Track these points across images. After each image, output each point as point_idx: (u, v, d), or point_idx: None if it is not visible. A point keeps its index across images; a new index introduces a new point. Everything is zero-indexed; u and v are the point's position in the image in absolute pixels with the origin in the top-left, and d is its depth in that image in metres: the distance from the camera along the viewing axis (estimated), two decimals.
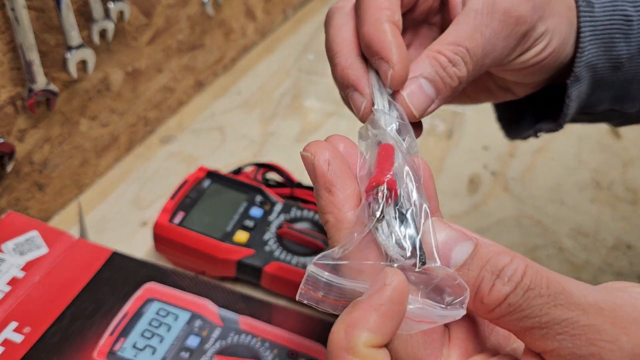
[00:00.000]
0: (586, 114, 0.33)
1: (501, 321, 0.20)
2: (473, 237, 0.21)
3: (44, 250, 0.42)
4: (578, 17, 0.30)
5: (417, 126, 0.28)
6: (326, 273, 0.20)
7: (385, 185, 0.21)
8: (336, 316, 0.20)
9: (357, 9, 0.28)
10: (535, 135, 0.35)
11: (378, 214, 0.20)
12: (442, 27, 0.31)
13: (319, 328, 0.39)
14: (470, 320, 0.23)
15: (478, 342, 0.23)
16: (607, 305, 0.19)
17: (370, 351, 0.19)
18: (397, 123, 0.25)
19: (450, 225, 0.21)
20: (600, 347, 0.19)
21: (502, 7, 0.27)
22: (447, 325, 0.23)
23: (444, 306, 0.20)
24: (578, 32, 0.30)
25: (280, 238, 0.46)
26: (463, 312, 0.20)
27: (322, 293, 0.20)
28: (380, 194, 0.21)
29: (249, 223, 0.46)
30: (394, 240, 0.20)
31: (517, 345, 0.23)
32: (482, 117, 0.68)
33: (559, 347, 0.19)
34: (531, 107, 0.35)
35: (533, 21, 0.28)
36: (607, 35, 0.30)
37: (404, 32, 0.29)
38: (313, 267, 0.20)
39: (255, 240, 0.45)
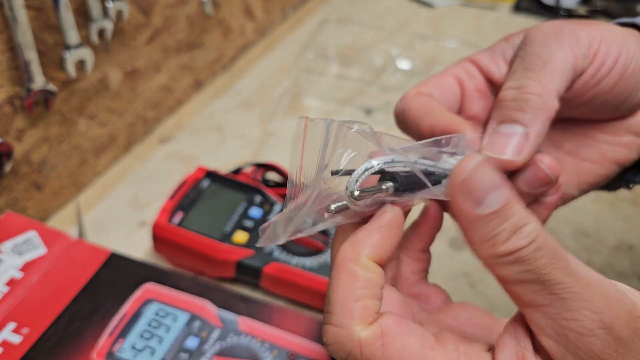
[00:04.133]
0: None
1: (502, 268, 0.22)
2: (507, 187, 0.22)
3: (42, 250, 0.42)
4: None
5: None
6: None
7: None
8: None
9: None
10: (628, 187, 0.35)
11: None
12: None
13: (319, 329, 0.38)
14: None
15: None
16: (595, 282, 0.22)
17: (371, 263, 0.24)
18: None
19: (496, 171, 0.23)
20: (583, 315, 0.21)
21: (547, 54, 0.28)
22: None
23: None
24: None
25: None
26: None
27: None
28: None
29: (249, 223, 0.46)
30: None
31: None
32: None
33: (548, 305, 0.22)
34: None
35: (577, 57, 0.28)
36: None
37: None
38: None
39: (255, 240, 0.45)
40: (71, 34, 0.46)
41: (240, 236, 0.45)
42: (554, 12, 0.89)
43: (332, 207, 0.24)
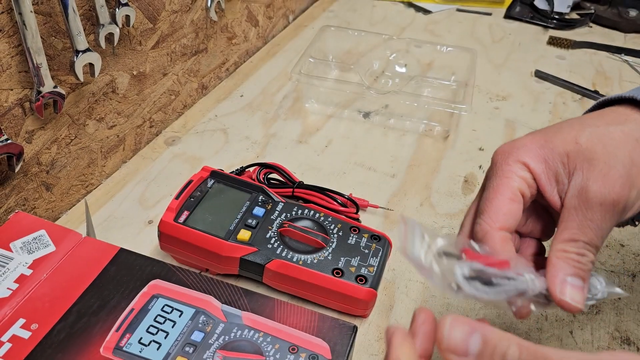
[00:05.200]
0: None
1: None
2: (479, 328, 0.26)
3: (51, 248, 0.42)
4: None
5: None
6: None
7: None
8: None
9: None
10: (634, 224, 0.37)
11: None
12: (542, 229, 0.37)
13: (320, 323, 0.39)
14: None
15: None
16: None
17: None
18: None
19: (464, 322, 0.27)
20: None
21: (597, 199, 0.30)
22: None
23: None
24: None
25: (281, 236, 0.46)
26: None
27: None
28: None
29: (252, 222, 0.46)
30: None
31: None
32: (478, 119, 0.69)
33: None
34: None
35: (627, 195, 0.31)
36: None
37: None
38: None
39: (258, 238, 0.46)
40: (79, 38, 0.47)
41: (244, 234, 0.45)
42: (546, 17, 0.90)
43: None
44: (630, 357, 0.25)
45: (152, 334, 0.38)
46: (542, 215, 0.36)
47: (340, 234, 0.47)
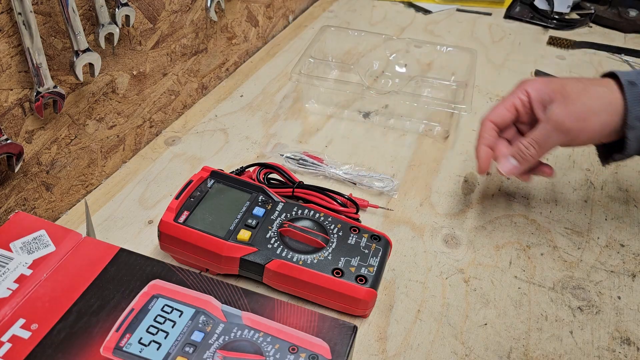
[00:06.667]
0: None
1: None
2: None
3: (51, 248, 0.42)
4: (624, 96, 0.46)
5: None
6: None
7: None
8: None
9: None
10: (607, 163, 0.51)
11: None
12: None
13: (320, 323, 0.39)
14: None
15: None
16: None
17: None
18: None
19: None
20: None
21: (554, 119, 0.46)
22: None
23: None
24: (625, 106, 0.46)
25: (281, 236, 0.46)
26: None
27: None
28: None
29: (252, 222, 0.46)
30: None
31: None
32: (478, 119, 0.69)
33: None
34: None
35: (574, 127, 0.46)
36: None
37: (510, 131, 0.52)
38: None
39: (258, 238, 0.46)
40: (79, 38, 0.47)
41: (244, 234, 0.45)
42: (546, 17, 0.90)
43: None
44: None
45: (152, 334, 0.38)
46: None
47: (340, 234, 0.47)
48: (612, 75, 0.48)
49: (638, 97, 0.46)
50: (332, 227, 0.48)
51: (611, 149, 0.49)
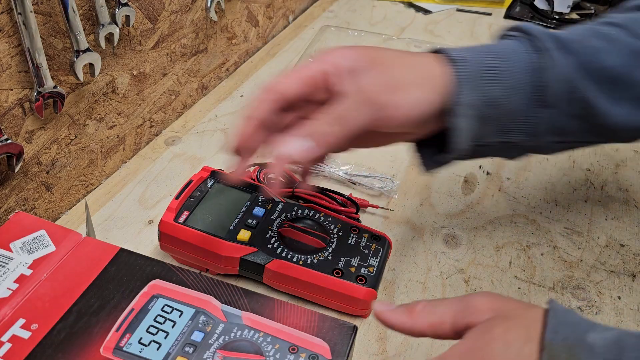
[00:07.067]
0: (481, 146, 0.40)
1: None
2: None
3: (51, 248, 0.42)
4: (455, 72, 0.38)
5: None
6: None
7: None
8: None
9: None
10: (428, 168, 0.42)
11: None
12: None
13: (320, 323, 0.39)
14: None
15: None
16: None
17: None
18: None
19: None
20: None
21: (362, 91, 0.37)
22: None
23: None
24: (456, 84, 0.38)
25: (281, 236, 0.46)
26: None
27: None
28: None
29: (252, 222, 0.47)
30: None
31: None
32: None
33: None
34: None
35: (380, 98, 0.37)
36: (481, 81, 0.38)
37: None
38: None
39: (258, 238, 0.46)
40: (79, 38, 0.47)
41: (244, 234, 0.45)
42: (546, 17, 0.91)
43: None
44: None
45: (152, 334, 0.38)
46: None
47: (340, 234, 0.47)
48: (440, 52, 0.40)
49: (471, 77, 0.37)
50: (332, 227, 0.48)
51: (433, 148, 0.41)
